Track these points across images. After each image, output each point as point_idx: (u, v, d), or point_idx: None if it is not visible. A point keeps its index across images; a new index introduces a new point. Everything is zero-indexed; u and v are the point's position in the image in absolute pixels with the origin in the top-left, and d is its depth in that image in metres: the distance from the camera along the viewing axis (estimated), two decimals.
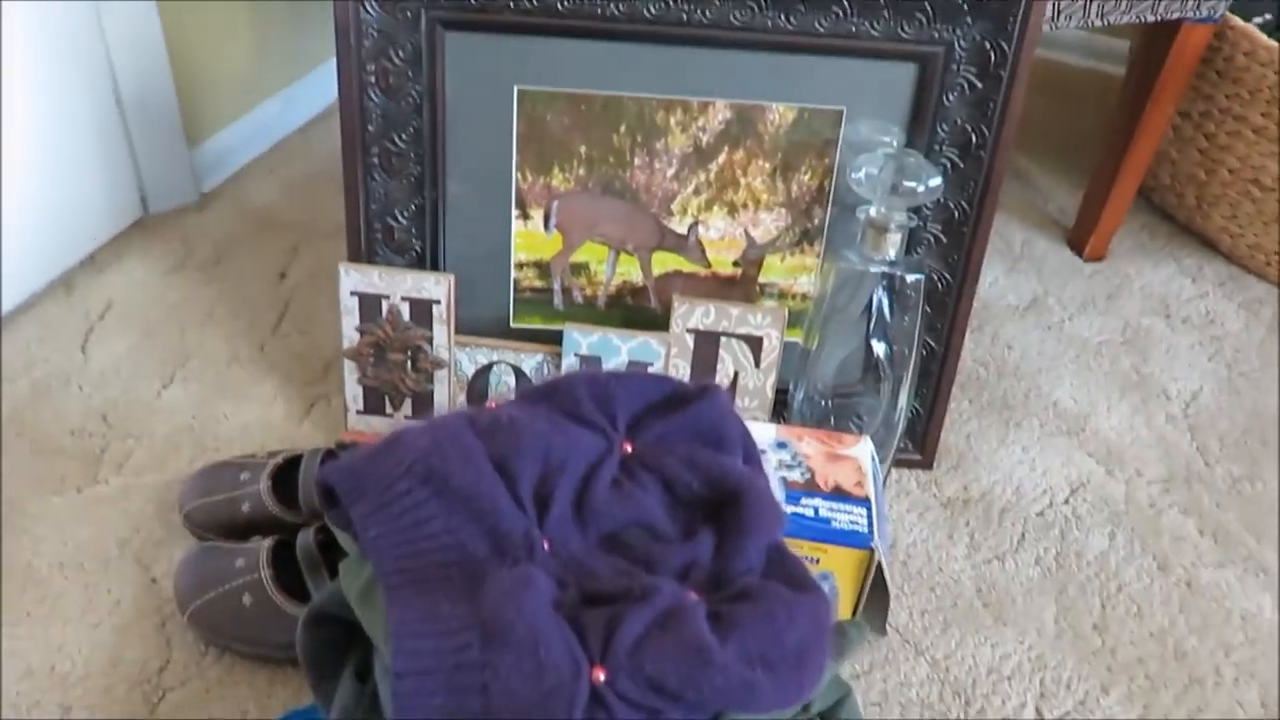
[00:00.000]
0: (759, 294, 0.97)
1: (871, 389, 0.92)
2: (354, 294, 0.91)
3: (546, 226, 0.94)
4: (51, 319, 1.11)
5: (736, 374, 0.93)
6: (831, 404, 0.93)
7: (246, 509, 0.86)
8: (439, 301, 0.91)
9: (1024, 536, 0.96)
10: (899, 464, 1.00)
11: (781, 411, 0.97)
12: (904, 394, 0.91)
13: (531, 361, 0.94)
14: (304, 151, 1.42)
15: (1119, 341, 1.20)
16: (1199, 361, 1.18)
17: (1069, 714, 0.81)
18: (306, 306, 1.15)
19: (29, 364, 1.05)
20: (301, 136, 1.45)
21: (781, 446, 0.80)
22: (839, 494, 0.76)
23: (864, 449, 0.81)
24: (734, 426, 0.68)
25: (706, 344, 0.92)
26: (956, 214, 0.91)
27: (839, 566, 0.74)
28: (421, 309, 0.91)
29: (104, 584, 0.85)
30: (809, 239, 0.95)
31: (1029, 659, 0.85)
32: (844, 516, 0.75)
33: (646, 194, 0.92)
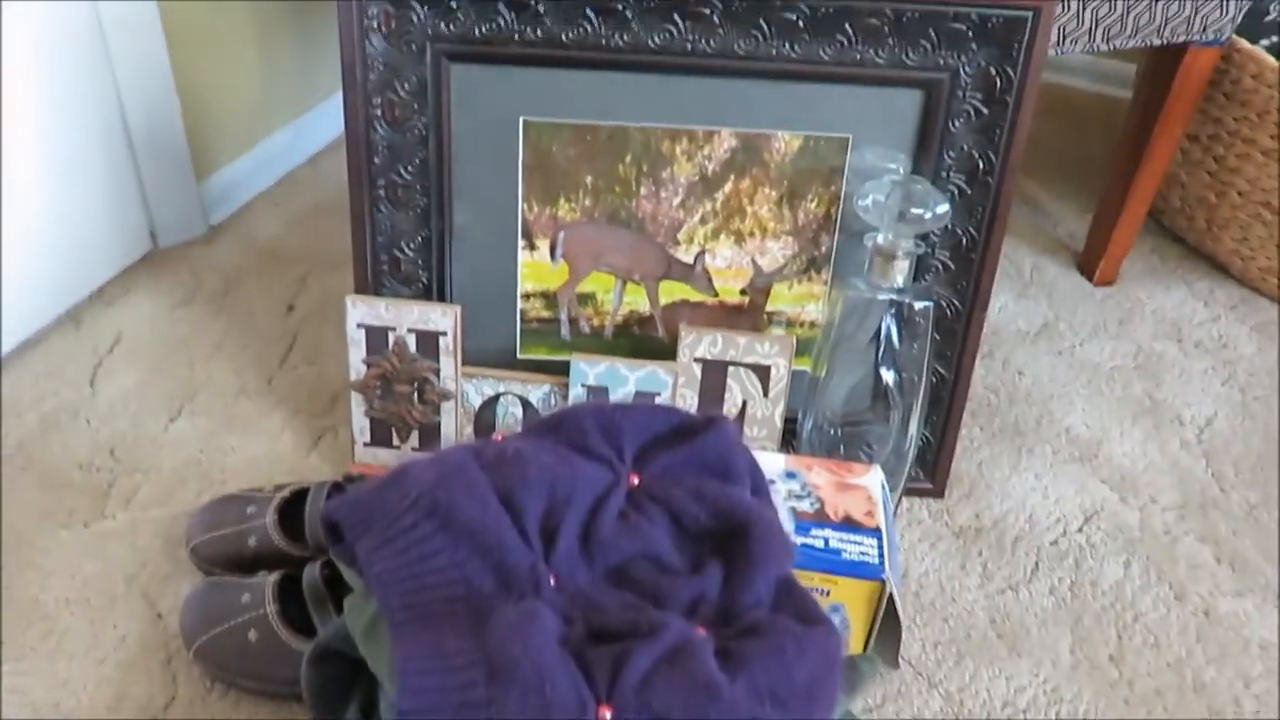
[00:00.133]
0: (767, 322, 0.97)
1: (881, 417, 0.91)
2: (360, 326, 0.91)
3: (553, 257, 0.94)
4: (60, 353, 1.11)
5: (745, 403, 0.93)
6: (841, 432, 0.92)
7: (253, 543, 0.86)
8: (445, 333, 0.91)
9: (1038, 566, 0.94)
10: (910, 492, 1.00)
11: (790, 441, 0.96)
12: (914, 422, 0.90)
13: (538, 392, 0.93)
14: (312, 183, 1.42)
15: (1131, 366, 1.19)
16: (1212, 386, 1.17)
17: None
18: (314, 338, 1.15)
19: (38, 398, 1.05)
20: (310, 168, 1.46)
21: (791, 476, 0.79)
22: (849, 524, 0.76)
23: (874, 478, 0.80)
24: (741, 457, 0.67)
25: (714, 373, 0.91)
26: (965, 240, 0.91)
27: (850, 598, 0.73)
28: (428, 340, 0.91)
29: (110, 619, 0.84)
30: (816, 267, 0.94)
31: (1044, 691, 0.84)
32: (854, 547, 0.74)
33: (653, 223, 0.92)
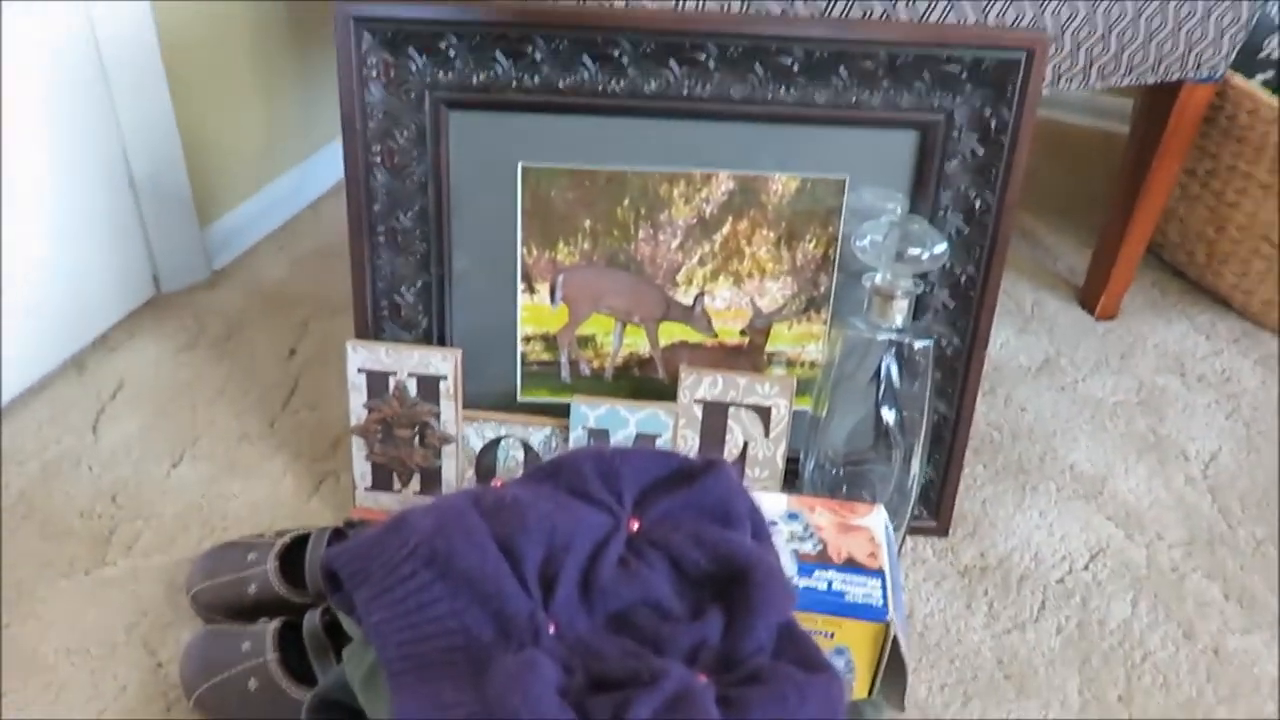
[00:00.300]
0: (767, 363, 0.97)
1: (883, 456, 0.91)
2: (361, 371, 0.91)
3: (552, 300, 0.94)
4: (63, 399, 1.11)
5: (746, 444, 0.92)
6: (843, 472, 0.92)
7: (254, 590, 0.86)
8: (446, 377, 0.91)
9: (1044, 604, 0.94)
10: (914, 531, 0.99)
11: (793, 481, 0.96)
12: (916, 460, 0.90)
13: (539, 435, 0.93)
14: (315, 227, 1.43)
15: (1134, 401, 1.19)
16: (1216, 420, 1.17)
17: None
18: (316, 382, 1.15)
19: (40, 446, 1.05)
20: (312, 212, 1.47)
21: (793, 518, 0.79)
22: (852, 566, 0.75)
23: (877, 518, 0.79)
24: (741, 501, 0.67)
25: (715, 414, 0.91)
26: (963, 279, 0.91)
27: (854, 641, 0.73)
28: (429, 385, 0.91)
29: (110, 669, 0.84)
30: (815, 307, 0.95)
31: None
32: (858, 589, 0.74)
33: (651, 266, 0.93)
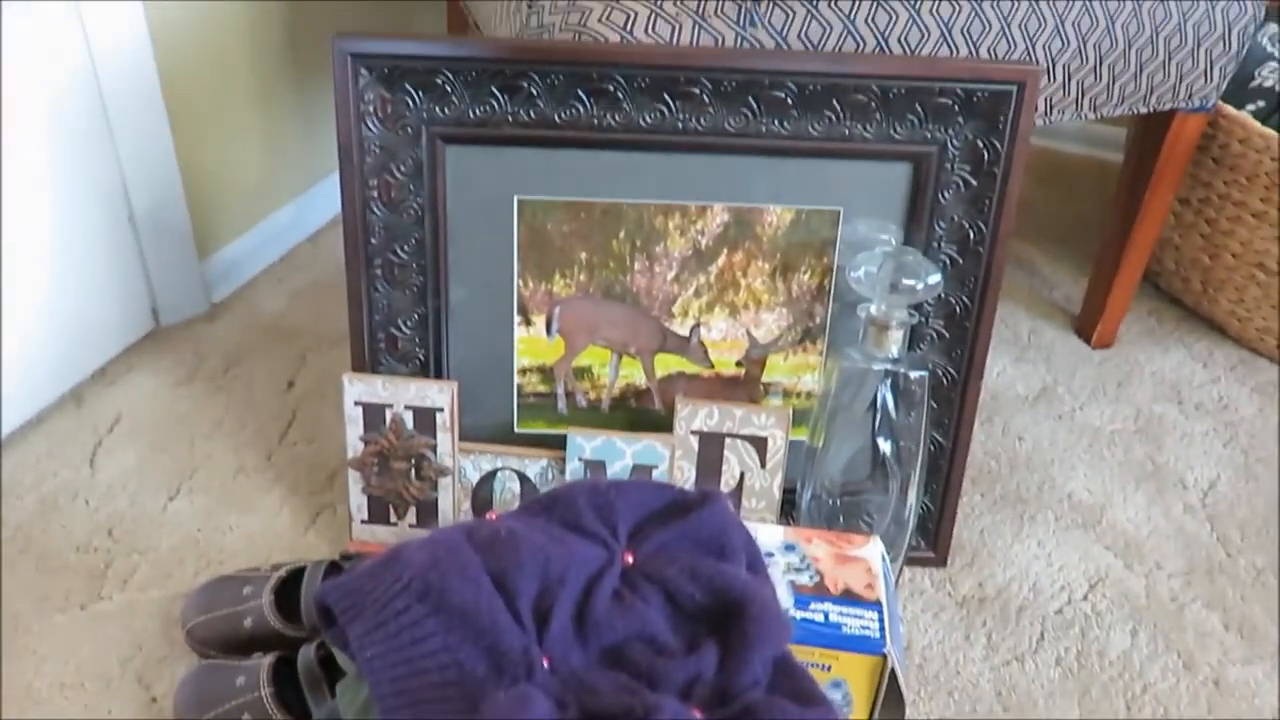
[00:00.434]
0: (763, 393, 0.97)
1: (880, 486, 0.91)
2: (358, 404, 0.91)
3: (549, 332, 0.94)
4: (61, 433, 1.11)
5: (742, 475, 0.92)
6: (840, 503, 0.92)
7: (249, 624, 0.85)
8: (442, 409, 0.91)
9: (1043, 636, 0.93)
10: (911, 562, 0.99)
11: (789, 512, 0.96)
12: (913, 491, 0.90)
13: (536, 467, 0.93)
14: (313, 259, 1.44)
15: (1132, 430, 1.19)
16: (1214, 448, 1.17)
17: None
18: (314, 414, 1.15)
19: (38, 479, 1.05)
20: (311, 245, 1.47)
21: (790, 549, 0.79)
22: (849, 597, 0.75)
23: (874, 549, 0.79)
24: (737, 533, 0.67)
25: (711, 445, 0.91)
26: (958, 309, 0.91)
27: (851, 673, 0.72)
28: (425, 417, 0.91)
29: (104, 704, 0.84)
30: (811, 337, 0.95)
31: None
32: (855, 621, 0.73)
33: (647, 297, 0.93)
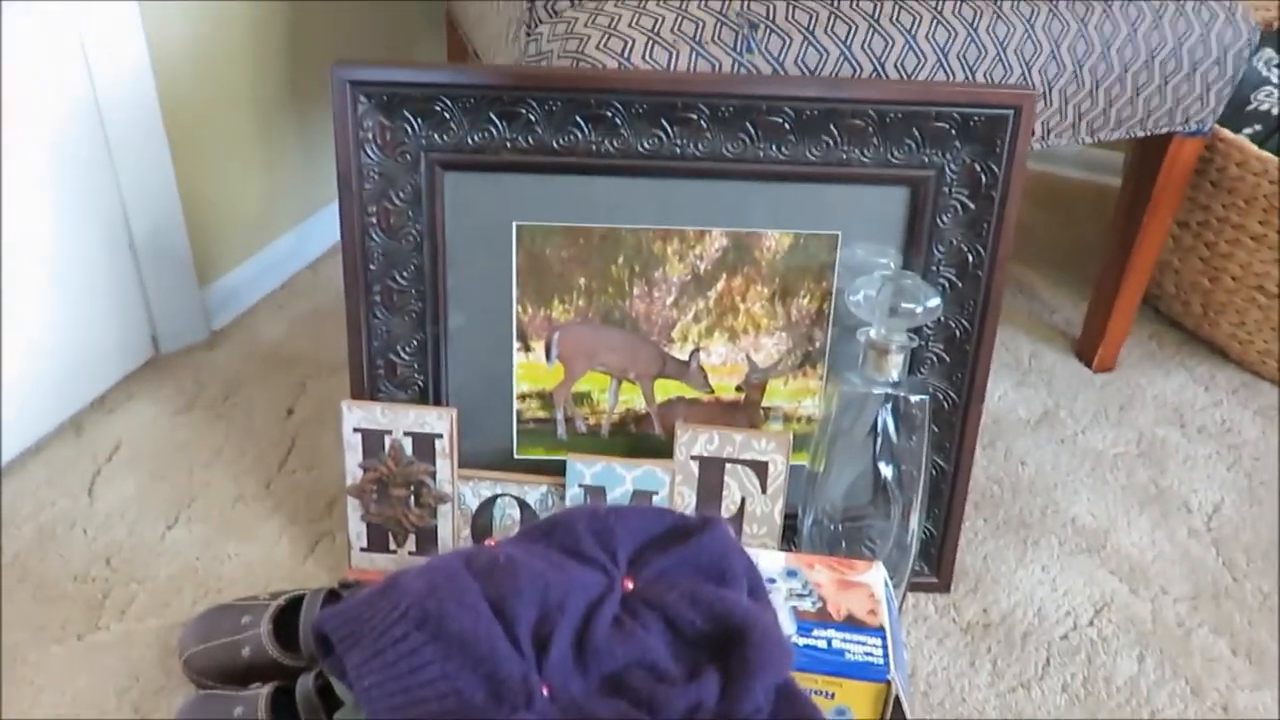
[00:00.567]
0: (763, 418, 0.96)
1: (882, 511, 0.90)
2: (357, 430, 0.91)
3: (548, 358, 0.94)
4: (60, 461, 1.11)
5: (743, 500, 0.92)
6: (842, 528, 0.91)
7: (247, 653, 0.85)
8: (441, 435, 0.91)
9: (1049, 662, 0.92)
10: (915, 588, 0.98)
11: (791, 538, 0.95)
12: (915, 516, 0.89)
13: (535, 493, 0.93)
14: (313, 287, 1.44)
15: (1135, 453, 1.19)
16: (1218, 472, 1.16)
17: None
18: (313, 442, 1.15)
19: (36, 508, 1.05)
20: (311, 272, 1.47)
21: (791, 575, 0.78)
22: (852, 623, 0.74)
23: (877, 574, 0.79)
24: (738, 559, 0.66)
25: (711, 471, 0.91)
26: (958, 333, 0.91)
27: (855, 701, 0.71)
28: (424, 443, 0.91)
29: None
30: (811, 362, 0.95)
31: None
32: (858, 647, 0.73)
33: (647, 323, 0.93)
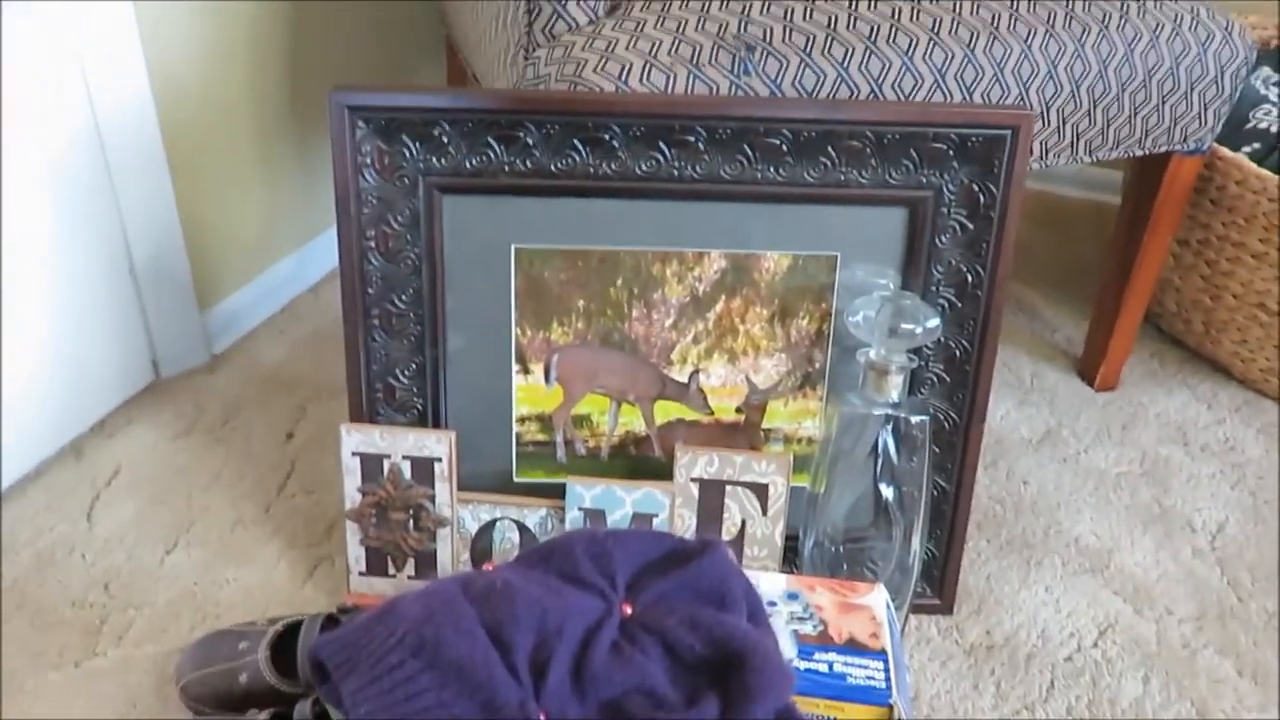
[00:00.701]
0: (764, 439, 0.96)
1: (883, 533, 0.90)
2: (355, 454, 0.91)
3: (547, 380, 0.94)
4: (59, 486, 1.11)
5: (744, 522, 0.91)
6: (843, 550, 0.91)
7: (244, 680, 0.84)
8: (440, 459, 0.90)
9: (1053, 684, 0.92)
10: (917, 609, 0.97)
11: (792, 560, 0.94)
12: (917, 537, 0.89)
13: (535, 516, 0.92)
14: (314, 310, 1.44)
15: (1138, 472, 1.18)
16: (1222, 490, 1.15)
17: None
18: (313, 465, 1.15)
19: (35, 533, 1.04)
20: (312, 295, 1.47)
21: (793, 598, 0.78)
22: (854, 647, 0.74)
23: (878, 597, 0.78)
24: (737, 583, 0.66)
25: (711, 493, 0.90)
26: (958, 353, 0.91)
27: None
28: (423, 467, 0.91)
29: None
30: (811, 383, 0.94)
31: None
32: (860, 671, 0.72)
33: (646, 344, 0.93)
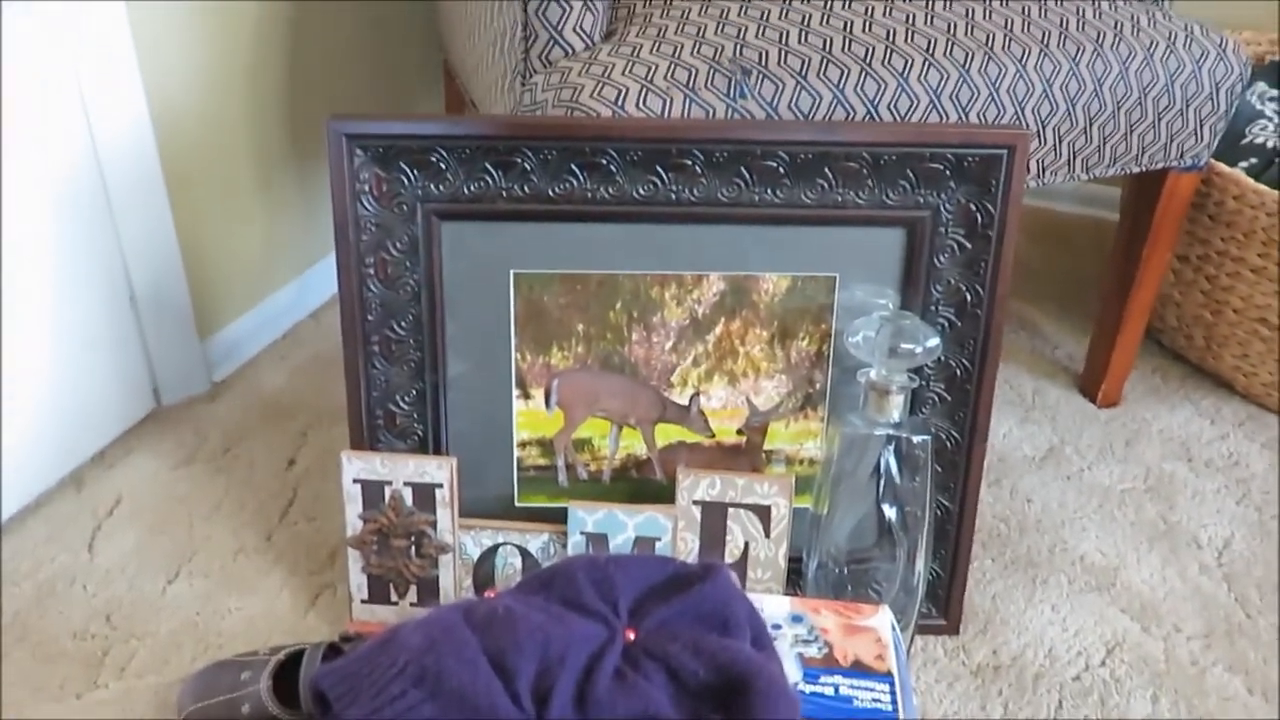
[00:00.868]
0: (765, 461, 0.96)
1: (887, 553, 0.89)
2: (356, 481, 0.91)
3: (548, 405, 0.94)
4: (60, 517, 1.10)
5: (747, 545, 0.91)
6: (847, 571, 0.90)
7: (246, 710, 0.83)
8: (442, 485, 0.90)
9: (1061, 704, 0.91)
10: (923, 630, 0.97)
11: (796, 582, 0.94)
12: (921, 557, 0.88)
13: (537, 542, 0.92)
14: (315, 336, 1.44)
15: (1142, 489, 1.17)
16: (1227, 506, 1.15)
17: None
18: (314, 493, 1.14)
19: (36, 565, 1.04)
20: (313, 321, 1.48)
21: (797, 620, 0.77)
22: (860, 669, 0.73)
23: (883, 618, 0.78)
24: (740, 607, 0.66)
25: (714, 516, 0.90)
26: (959, 372, 0.91)
27: None
28: (424, 493, 0.90)
29: None
30: (812, 404, 0.94)
31: None
32: (866, 694, 0.72)
33: (646, 367, 0.93)
